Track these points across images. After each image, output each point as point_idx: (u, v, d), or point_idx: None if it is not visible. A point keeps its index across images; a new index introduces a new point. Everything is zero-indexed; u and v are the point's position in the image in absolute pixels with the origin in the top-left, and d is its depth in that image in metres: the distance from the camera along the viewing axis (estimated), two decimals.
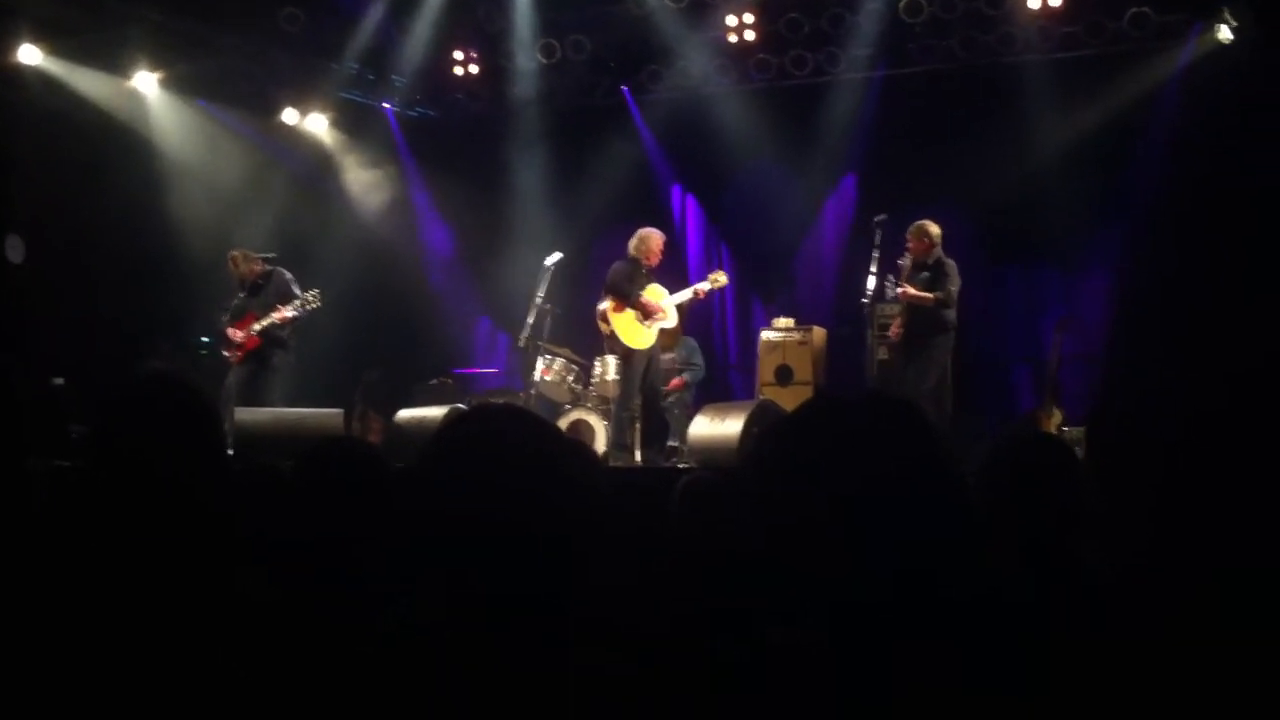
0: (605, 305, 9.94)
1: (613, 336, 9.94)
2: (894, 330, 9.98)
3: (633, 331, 9.91)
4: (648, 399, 9.95)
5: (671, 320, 10.17)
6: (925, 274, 9.80)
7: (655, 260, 10.13)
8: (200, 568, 2.23)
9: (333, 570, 2.95)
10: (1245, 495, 1.82)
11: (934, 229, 9.83)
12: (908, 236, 9.88)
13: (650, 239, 10.10)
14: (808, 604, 1.78)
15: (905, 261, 9.91)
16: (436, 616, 1.89)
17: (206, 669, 1.66)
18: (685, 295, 10.27)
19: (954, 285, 9.73)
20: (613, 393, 10.41)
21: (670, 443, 10.39)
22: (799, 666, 1.74)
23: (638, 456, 10.02)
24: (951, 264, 9.80)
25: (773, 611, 1.82)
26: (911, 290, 9.77)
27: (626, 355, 9.95)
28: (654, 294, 10.06)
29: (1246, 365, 1.94)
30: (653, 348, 10.02)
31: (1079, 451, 3.38)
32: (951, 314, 9.77)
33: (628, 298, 9.91)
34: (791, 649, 1.77)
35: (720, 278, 10.48)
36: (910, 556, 1.74)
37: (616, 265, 10.09)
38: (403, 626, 1.91)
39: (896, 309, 10.04)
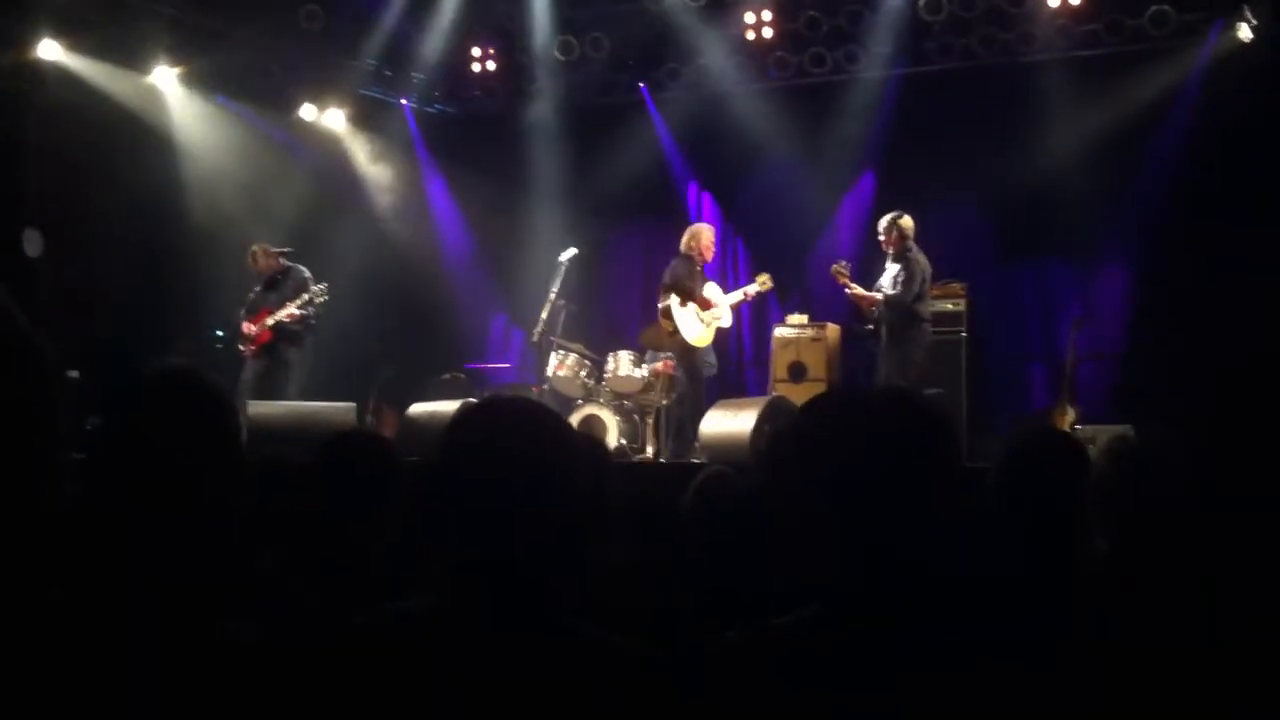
0: (668, 302, 9.91)
1: (674, 334, 9.90)
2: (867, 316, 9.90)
3: (695, 328, 9.91)
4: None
5: (727, 321, 10.17)
6: (896, 266, 9.70)
7: (709, 255, 10.13)
8: (212, 560, 2.24)
9: (344, 559, 2.96)
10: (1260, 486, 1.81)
11: (906, 222, 9.70)
12: (880, 230, 9.81)
13: (702, 234, 10.08)
14: (816, 593, 1.79)
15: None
16: (445, 605, 1.90)
17: (216, 663, 1.66)
18: (736, 296, 10.26)
19: (918, 281, 9.59)
20: (627, 389, 10.43)
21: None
22: (804, 652, 1.75)
23: (649, 451, 10.06)
24: (918, 259, 9.67)
25: (781, 600, 1.82)
26: (859, 291, 9.70)
27: (686, 352, 9.93)
28: (710, 292, 10.05)
29: (1260, 363, 1.94)
30: (709, 346, 10.03)
31: (1091, 450, 3.38)
32: (922, 308, 9.69)
33: (691, 294, 9.88)
34: (795, 634, 1.77)
35: (767, 281, 10.39)
36: (919, 546, 1.74)
37: (674, 263, 10.06)
38: (410, 615, 1.91)
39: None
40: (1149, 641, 1.92)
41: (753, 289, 10.33)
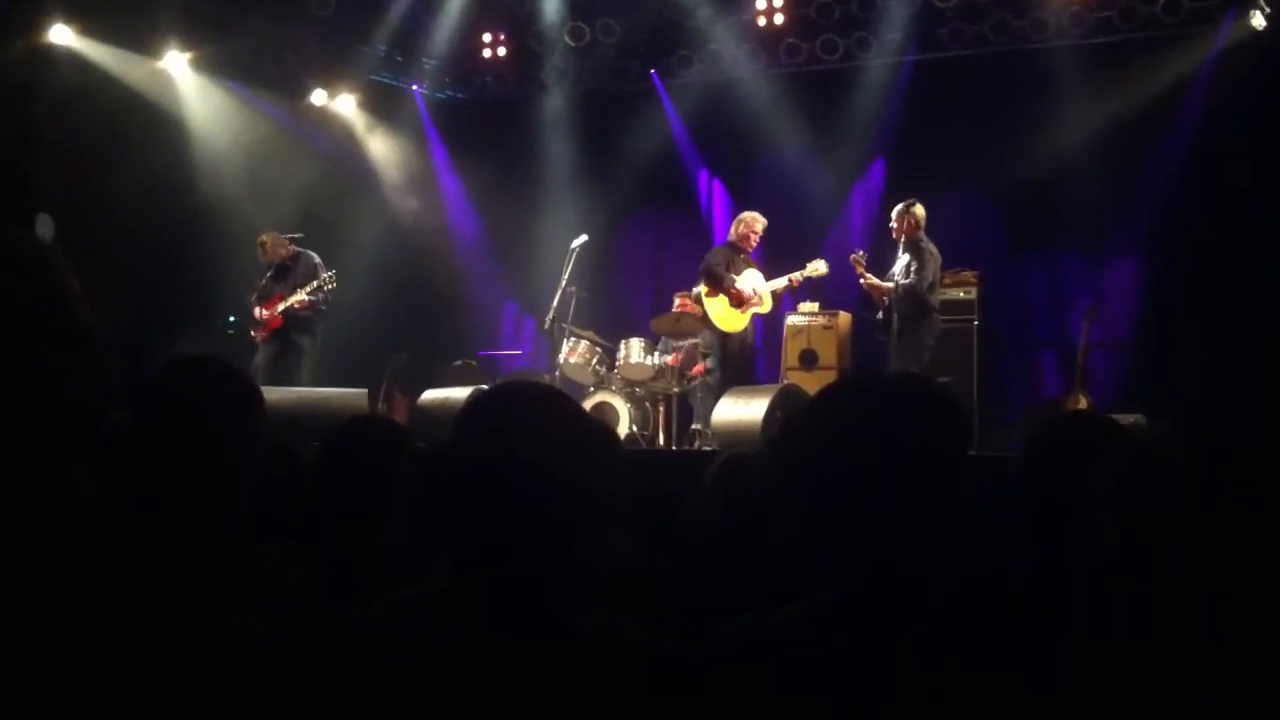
0: (700, 289, 10.08)
1: (705, 319, 10.07)
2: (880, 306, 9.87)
3: (725, 315, 10.02)
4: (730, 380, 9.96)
5: (767, 307, 10.21)
6: (907, 256, 9.58)
7: (754, 244, 10.24)
8: (220, 551, 2.25)
9: (354, 547, 2.96)
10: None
11: (919, 211, 9.54)
12: (893, 218, 9.70)
13: (750, 223, 10.16)
14: (823, 582, 1.78)
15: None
16: (448, 595, 1.89)
17: (216, 658, 1.67)
18: (780, 283, 10.23)
19: (929, 270, 9.46)
20: (639, 376, 10.45)
21: (694, 426, 10.39)
22: (808, 645, 1.74)
23: (660, 439, 10.07)
24: (930, 248, 9.53)
25: (789, 591, 1.82)
26: (874, 280, 9.65)
27: (720, 339, 10.07)
28: (751, 279, 10.08)
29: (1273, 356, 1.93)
30: (745, 330, 10.13)
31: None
32: (933, 298, 9.59)
33: (720, 282, 9.98)
34: (798, 627, 1.77)
35: (820, 266, 10.32)
36: (927, 538, 1.73)
37: (714, 249, 10.24)
38: (413, 605, 1.91)
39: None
40: (1151, 640, 1.91)
41: (798, 275, 10.27)
